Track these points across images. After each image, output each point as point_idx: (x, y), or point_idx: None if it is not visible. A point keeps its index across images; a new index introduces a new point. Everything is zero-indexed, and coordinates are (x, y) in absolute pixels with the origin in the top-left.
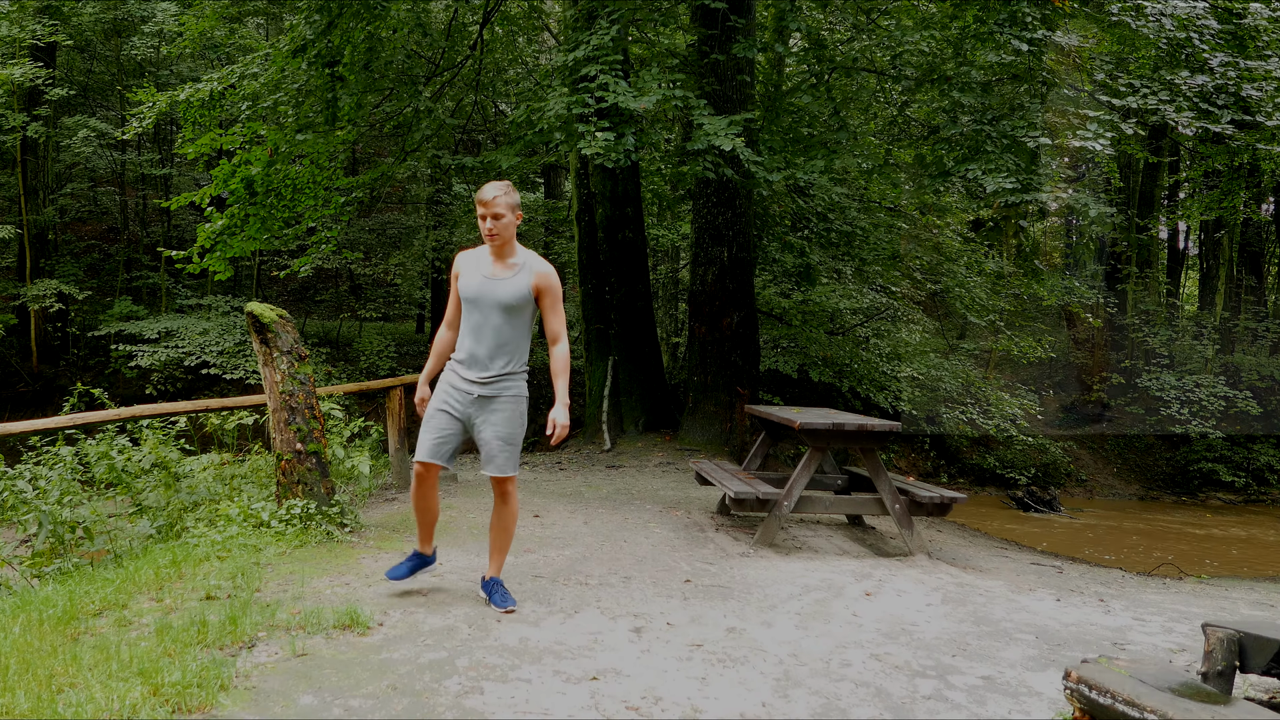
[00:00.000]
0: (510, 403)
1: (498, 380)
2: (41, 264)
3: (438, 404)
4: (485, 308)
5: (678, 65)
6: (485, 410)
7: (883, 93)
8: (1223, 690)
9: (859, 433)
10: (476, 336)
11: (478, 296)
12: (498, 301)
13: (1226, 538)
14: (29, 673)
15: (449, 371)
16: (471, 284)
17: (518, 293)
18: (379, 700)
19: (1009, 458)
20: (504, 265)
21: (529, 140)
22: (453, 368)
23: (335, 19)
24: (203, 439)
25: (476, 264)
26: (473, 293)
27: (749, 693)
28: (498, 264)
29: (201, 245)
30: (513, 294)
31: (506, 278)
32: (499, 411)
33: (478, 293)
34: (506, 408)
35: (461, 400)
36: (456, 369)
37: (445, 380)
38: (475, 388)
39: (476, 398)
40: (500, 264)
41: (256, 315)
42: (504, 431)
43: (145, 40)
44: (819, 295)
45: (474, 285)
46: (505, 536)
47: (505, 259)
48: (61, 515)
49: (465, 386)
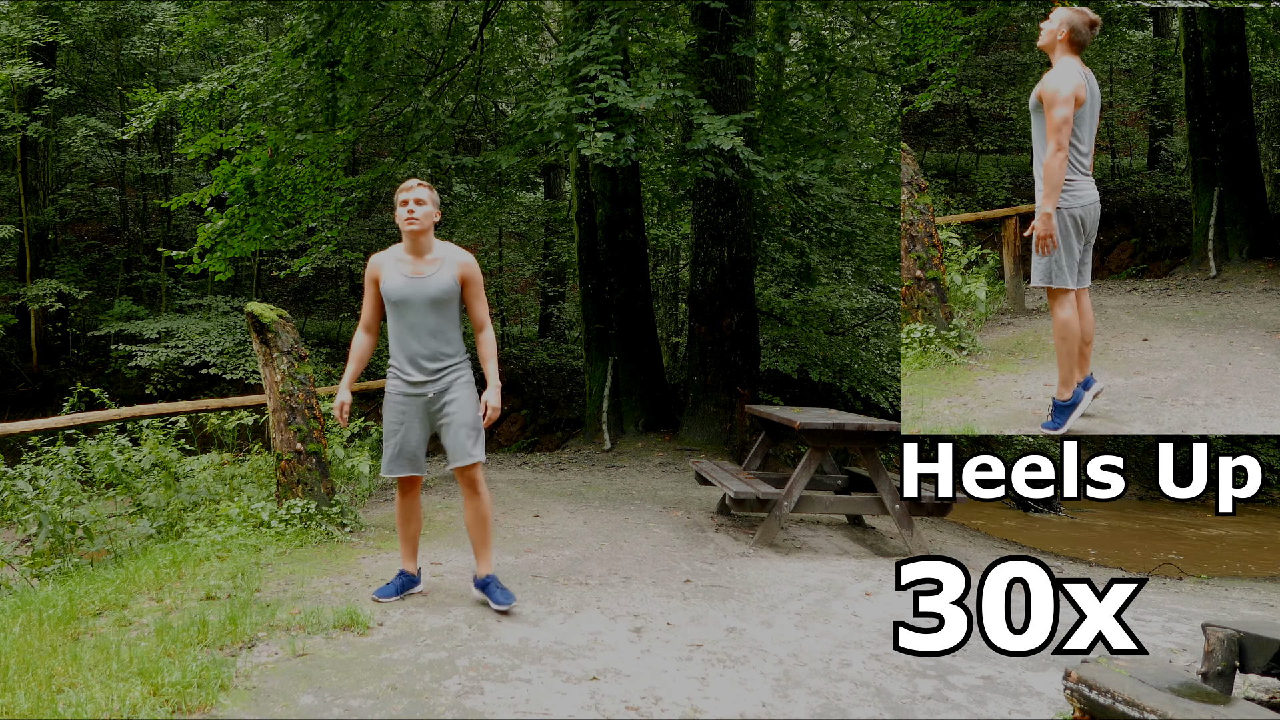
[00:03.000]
0: (464, 389)
1: (444, 373)
2: (41, 264)
3: (395, 418)
4: (415, 306)
5: (678, 65)
6: (442, 404)
7: (883, 93)
8: (1223, 690)
9: (859, 433)
10: (412, 336)
11: (406, 297)
12: (427, 297)
13: (1227, 538)
14: (29, 673)
15: (393, 380)
16: (397, 285)
17: (445, 286)
18: (379, 700)
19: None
20: (425, 261)
21: (529, 140)
22: (396, 375)
23: (335, 19)
24: (203, 439)
25: (396, 264)
26: (400, 294)
27: (749, 693)
28: (419, 260)
29: (201, 245)
30: (440, 288)
31: (431, 273)
32: (455, 400)
33: (405, 292)
34: (463, 394)
35: (417, 405)
36: (400, 376)
37: (393, 390)
38: (428, 387)
39: (431, 397)
40: (421, 260)
41: (256, 315)
42: (465, 417)
43: (145, 40)
44: (819, 295)
45: (399, 286)
46: (485, 530)
47: (424, 254)
48: (61, 515)
49: (416, 390)
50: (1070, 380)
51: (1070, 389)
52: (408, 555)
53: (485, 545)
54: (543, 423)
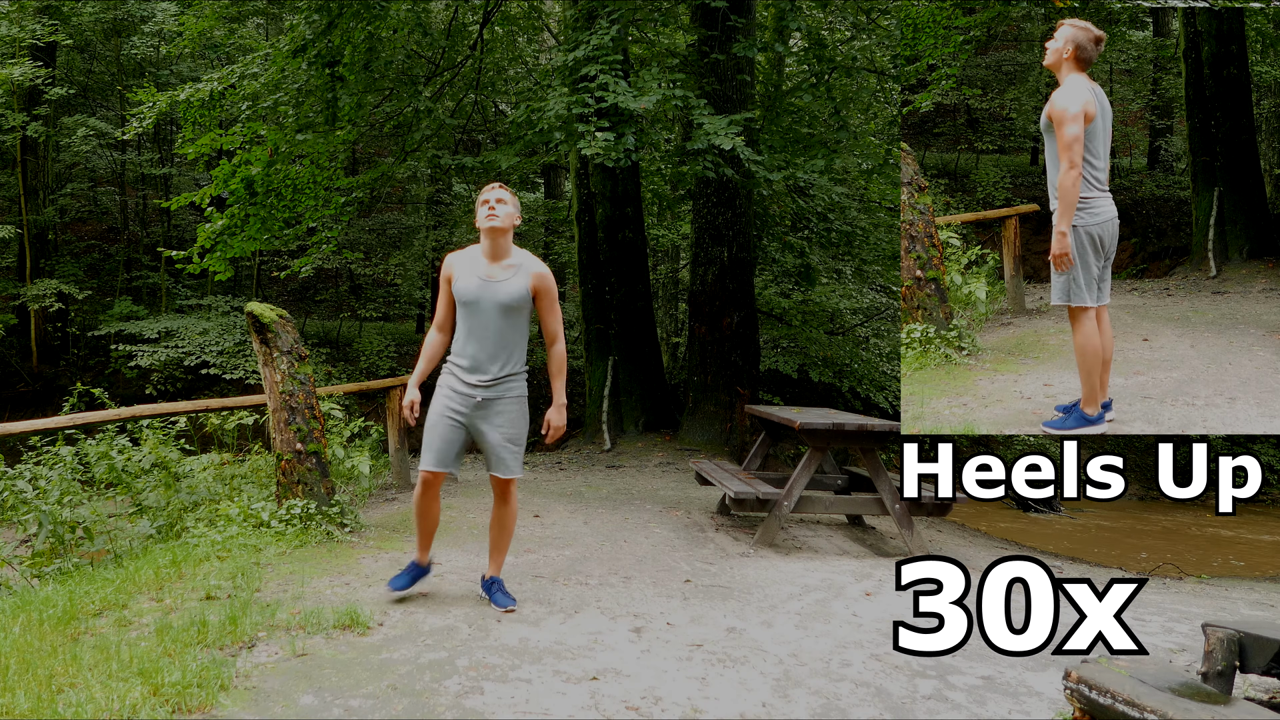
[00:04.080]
0: (513, 404)
1: (500, 382)
2: (41, 264)
3: (441, 410)
4: (484, 309)
5: (678, 65)
6: (489, 412)
7: (883, 93)
8: (1223, 690)
9: (859, 433)
10: (476, 339)
11: (476, 299)
12: (497, 303)
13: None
14: (29, 673)
15: (448, 375)
16: (469, 286)
17: (517, 293)
18: (379, 700)
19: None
20: (501, 266)
21: (529, 140)
22: (452, 371)
23: (335, 19)
24: (203, 439)
25: (471, 265)
26: (471, 295)
27: (749, 693)
28: (494, 264)
29: (201, 245)
30: (512, 295)
31: (505, 279)
32: (503, 414)
33: (476, 295)
34: (510, 409)
35: (465, 404)
36: (456, 373)
37: (445, 385)
38: (479, 391)
39: (480, 401)
40: (497, 264)
41: (256, 315)
42: (510, 433)
43: (145, 40)
44: (819, 295)
45: (472, 287)
46: (505, 536)
47: (501, 259)
48: (61, 515)
49: (468, 390)
50: (1095, 396)
51: (1096, 405)
52: (422, 547)
53: (500, 550)
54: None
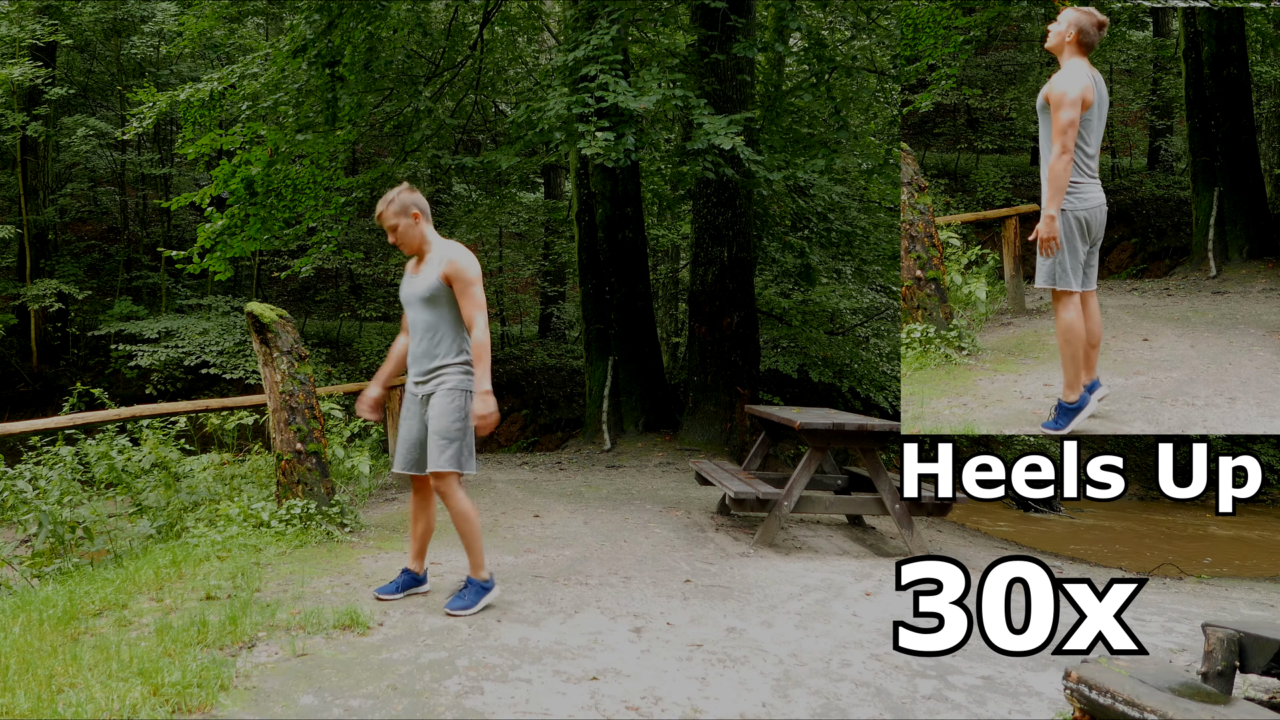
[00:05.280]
0: (443, 396)
1: (433, 375)
2: (41, 264)
3: (401, 416)
4: (411, 306)
5: (678, 65)
6: (427, 407)
7: (883, 93)
8: (1223, 690)
9: (859, 433)
10: (414, 337)
11: (404, 297)
12: (416, 297)
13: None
14: (29, 673)
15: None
16: (401, 288)
17: (430, 284)
18: (379, 700)
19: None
20: (422, 262)
21: (529, 140)
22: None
23: (335, 19)
24: (203, 439)
25: (408, 267)
26: (401, 295)
27: (749, 693)
28: (418, 263)
29: (201, 245)
30: (427, 286)
31: (421, 272)
32: (434, 406)
33: (403, 293)
34: (440, 401)
35: (412, 403)
36: (408, 374)
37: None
38: (418, 388)
39: (421, 397)
40: (420, 262)
41: (256, 315)
42: (436, 425)
43: (145, 40)
44: (819, 295)
45: (401, 288)
46: (461, 538)
47: (424, 256)
48: (61, 515)
49: (412, 389)
50: (1076, 383)
51: (1076, 392)
52: (414, 554)
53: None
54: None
